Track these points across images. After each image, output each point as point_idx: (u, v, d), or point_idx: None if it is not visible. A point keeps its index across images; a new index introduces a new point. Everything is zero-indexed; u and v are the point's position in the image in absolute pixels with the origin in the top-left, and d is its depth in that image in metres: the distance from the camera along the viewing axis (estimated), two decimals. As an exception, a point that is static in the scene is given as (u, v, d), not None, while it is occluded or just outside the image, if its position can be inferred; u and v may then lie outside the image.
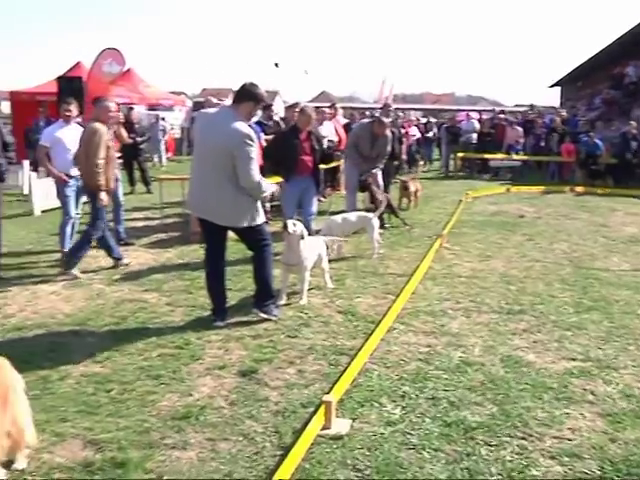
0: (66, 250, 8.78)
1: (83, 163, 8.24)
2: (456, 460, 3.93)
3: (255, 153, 6.10)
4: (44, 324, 6.42)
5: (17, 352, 5.55)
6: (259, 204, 6.37)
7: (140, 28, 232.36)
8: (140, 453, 3.98)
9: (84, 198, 9.15)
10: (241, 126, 6.02)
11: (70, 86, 16.11)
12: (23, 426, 3.73)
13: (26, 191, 14.41)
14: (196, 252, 9.30)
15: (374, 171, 10.97)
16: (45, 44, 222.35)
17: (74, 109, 9.20)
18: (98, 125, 8.12)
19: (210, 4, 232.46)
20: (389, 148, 11.09)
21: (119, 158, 10.94)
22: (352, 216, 9.45)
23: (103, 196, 8.21)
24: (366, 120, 12.19)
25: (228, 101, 7.92)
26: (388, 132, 11.13)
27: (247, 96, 6.18)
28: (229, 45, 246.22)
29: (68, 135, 8.98)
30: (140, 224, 12.04)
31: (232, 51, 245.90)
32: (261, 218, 6.36)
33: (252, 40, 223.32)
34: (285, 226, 6.84)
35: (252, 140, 6.04)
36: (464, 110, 38.69)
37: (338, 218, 9.25)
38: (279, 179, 8.98)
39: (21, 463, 3.80)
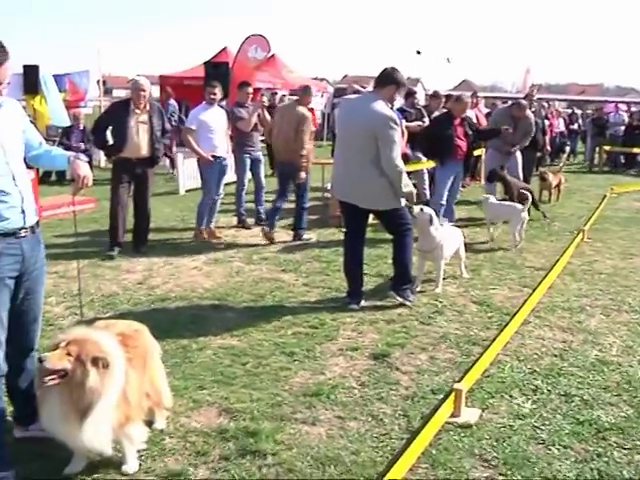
0: (203, 227, 9.30)
1: (290, 142, 8.88)
2: (586, 459, 3.86)
3: (398, 136, 6.16)
4: (186, 297, 6.77)
5: (160, 322, 5.95)
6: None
7: (284, 13, 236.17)
8: (272, 425, 4.15)
9: (226, 179, 9.58)
10: (384, 109, 6.10)
11: (216, 71, 16.60)
12: (160, 389, 3.96)
13: (172, 171, 15.09)
14: (334, 235, 9.48)
15: (514, 155, 10.80)
16: (189, 29, 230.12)
17: (218, 92, 9.47)
18: (307, 112, 8.87)
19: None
20: (532, 132, 10.84)
21: (262, 142, 11.24)
22: (504, 204, 9.34)
23: (303, 175, 9.02)
24: (505, 105, 12.02)
25: (370, 88, 8.02)
26: (529, 114, 10.92)
27: (389, 80, 6.25)
28: (371, 32, 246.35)
29: (212, 117, 9.30)
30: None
31: (374, 38, 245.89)
32: (402, 201, 6.41)
33: (394, 27, 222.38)
34: (410, 211, 6.71)
35: (395, 123, 6.10)
36: (612, 102, 36.90)
37: (494, 200, 9.19)
38: (431, 164, 9.28)
39: (160, 423, 4.04)
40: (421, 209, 6.89)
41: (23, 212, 3.52)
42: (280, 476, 3.62)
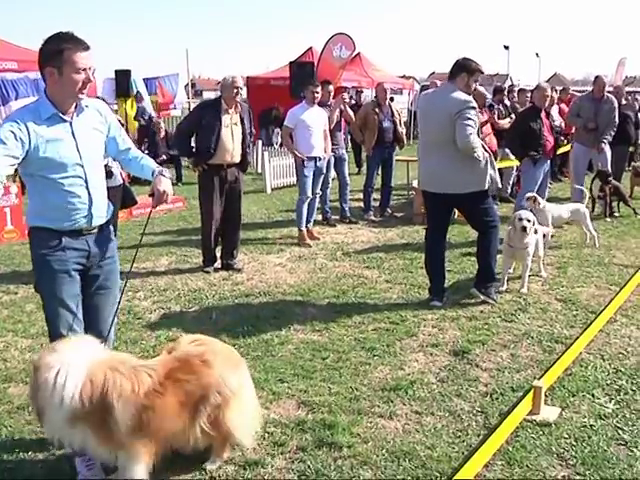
0: (303, 229, 9.17)
1: None
2: (671, 462, 3.76)
3: (475, 118, 6.18)
4: (269, 292, 6.90)
5: (244, 316, 6.13)
6: (484, 171, 6.29)
7: (371, 11, 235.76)
8: (349, 418, 4.21)
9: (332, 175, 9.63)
10: (460, 94, 6.17)
11: (302, 71, 16.75)
12: (231, 430, 3.57)
13: (259, 170, 15.32)
14: (418, 233, 9.44)
15: (603, 150, 10.50)
16: (276, 32, 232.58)
17: (320, 92, 9.28)
18: None
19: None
20: (616, 117, 10.50)
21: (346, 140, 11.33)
22: (563, 208, 9.03)
23: None
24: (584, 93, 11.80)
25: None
26: (610, 95, 10.64)
27: (460, 68, 6.29)
28: (459, 28, 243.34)
29: (312, 117, 9.15)
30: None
31: (462, 34, 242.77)
32: (486, 184, 6.33)
33: (482, 22, 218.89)
34: (521, 221, 6.70)
35: (473, 107, 6.14)
36: None
37: (549, 207, 8.76)
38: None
39: (211, 463, 3.70)
40: (528, 219, 6.76)
41: (90, 215, 3.59)
42: (355, 468, 3.67)
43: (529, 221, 6.75)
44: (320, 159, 9.28)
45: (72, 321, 3.61)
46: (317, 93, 9.16)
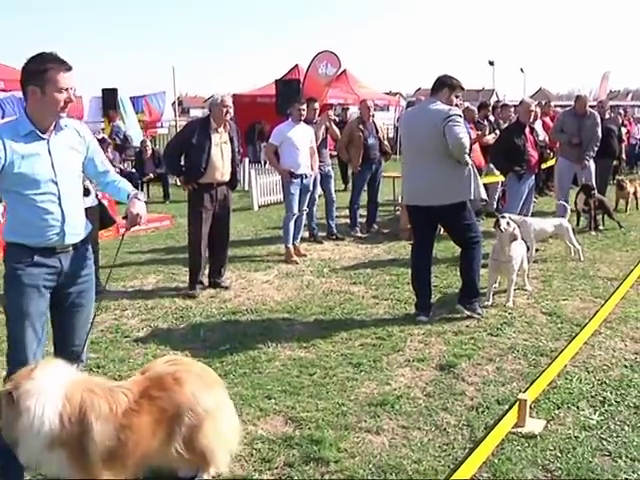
0: (290, 246, 9.17)
1: None
2: (655, 472, 3.80)
3: (463, 125, 6.27)
4: (256, 310, 6.92)
5: (231, 333, 6.15)
6: (468, 182, 6.36)
7: (357, 28, 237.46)
8: (336, 433, 4.23)
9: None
10: (444, 106, 6.27)
11: (288, 88, 16.85)
12: (207, 450, 3.53)
13: (246, 187, 15.36)
14: (404, 248, 9.50)
15: (587, 164, 10.58)
16: (262, 50, 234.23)
17: (306, 109, 9.34)
18: None
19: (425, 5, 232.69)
20: (599, 133, 10.60)
21: (334, 156, 11.39)
22: (546, 222, 9.07)
23: None
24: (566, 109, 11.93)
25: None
26: (593, 111, 10.76)
27: (441, 84, 6.42)
28: (444, 44, 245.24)
29: (297, 135, 9.16)
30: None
31: (447, 50, 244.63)
32: (471, 194, 6.40)
33: (467, 39, 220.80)
34: (498, 224, 6.83)
35: (459, 114, 6.25)
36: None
37: (532, 222, 8.80)
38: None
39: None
40: (507, 222, 6.86)
41: (62, 232, 3.59)
42: (342, 483, 3.69)
43: (506, 221, 6.87)
44: (306, 176, 9.30)
45: (35, 342, 3.60)
46: (303, 110, 9.21)
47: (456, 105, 6.48)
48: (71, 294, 3.76)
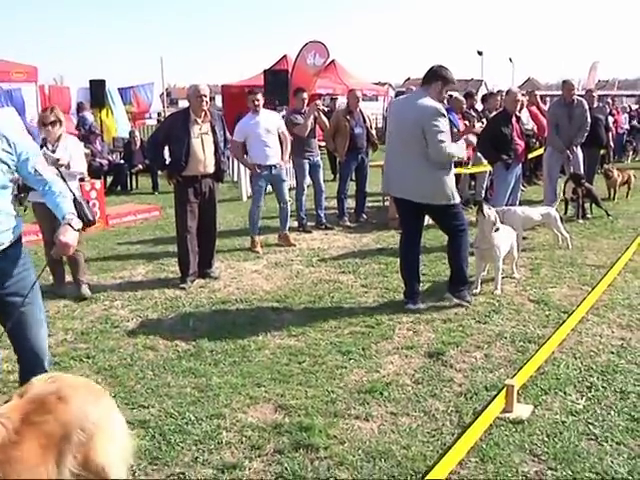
0: (254, 236, 9.21)
1: None
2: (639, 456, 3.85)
3: (446, 127, 6.25)
4: (246, 299, 6.94)
5: (220, 323, 6.17)
6: (450, 184, 6.39)
7: (346, 18, 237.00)
8: (325, 420, 4.26)
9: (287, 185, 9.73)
10: (430, 102, 6.23)
11: (276, 79, 16.79)
12: (102, 468, 3.14)
13: (235, 178, 15.34)
14: (393, 238, 9.52)
15: (575, 152, 10.60)
16: (253, 39, 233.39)
17: (261, 99, 9.23)
18: None
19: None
20: (588, 119, 10.62)
21: (321, 147, 11.40)
22: (534, 211, 9.06)
23: None
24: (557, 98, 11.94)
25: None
26: (580, 99, 10.78)
27: (435, 77, 6.35)
28: (433, 34, 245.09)
29: (261, 125, 9.04)
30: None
31: (436, 40, 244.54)
32: (457, 198, 6.45)
33: (456, 28, 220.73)
34: (480, 209, 6.87)
35: (442, 114, 6.21)
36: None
37: (519, 210, 8.80)
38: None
39: None
40: (489, 208, 6.91)
41: None
42: (331, 469, 3.72)
43: (488, 206, 6.95)
44: (276, 167, 9.19)
45: None
46: (257, 101, 9.08)
47: (453, 97, 6.50)
48: (11, 294, 3.66)
